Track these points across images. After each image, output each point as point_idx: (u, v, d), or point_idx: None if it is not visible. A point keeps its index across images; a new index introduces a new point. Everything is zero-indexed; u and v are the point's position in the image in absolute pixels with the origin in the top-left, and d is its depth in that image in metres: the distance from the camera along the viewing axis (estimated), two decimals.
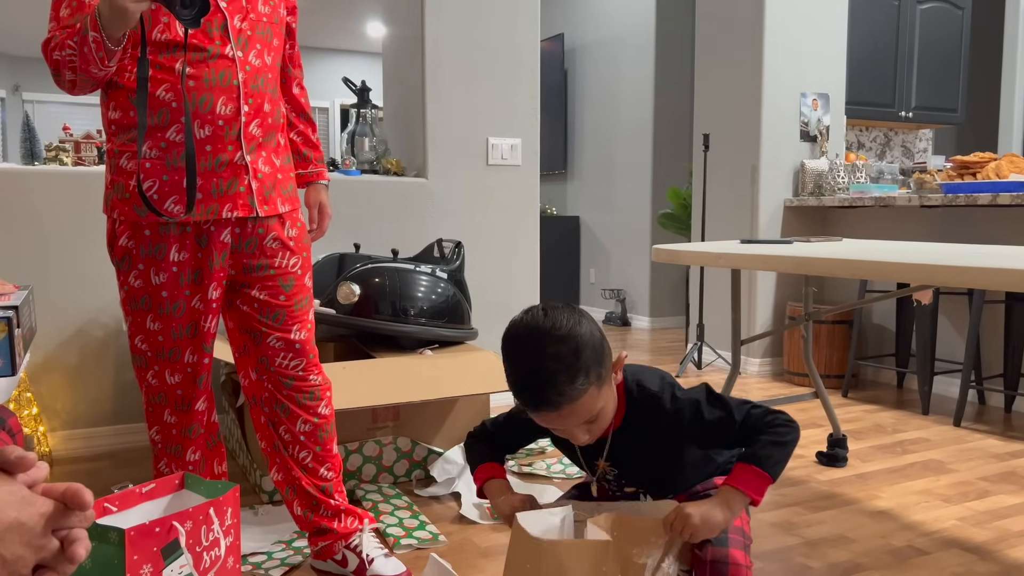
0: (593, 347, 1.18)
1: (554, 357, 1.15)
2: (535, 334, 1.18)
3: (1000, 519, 2.25)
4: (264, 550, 2.01)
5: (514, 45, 3.48)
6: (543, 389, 1.16)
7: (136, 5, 1.36)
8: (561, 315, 1.19)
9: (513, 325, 1.22)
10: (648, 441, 1.30)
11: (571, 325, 1.18)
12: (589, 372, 1.17)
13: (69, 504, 0.70)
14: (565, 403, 1.16)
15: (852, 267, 1.92)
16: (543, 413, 1.19)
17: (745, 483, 1.22)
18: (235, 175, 1.61)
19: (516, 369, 1.20)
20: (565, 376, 1.15)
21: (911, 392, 3.85)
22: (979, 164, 3.62)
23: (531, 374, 1.17)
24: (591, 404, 1.19)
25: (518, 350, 1.20)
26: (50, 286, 2.79)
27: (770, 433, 1.24)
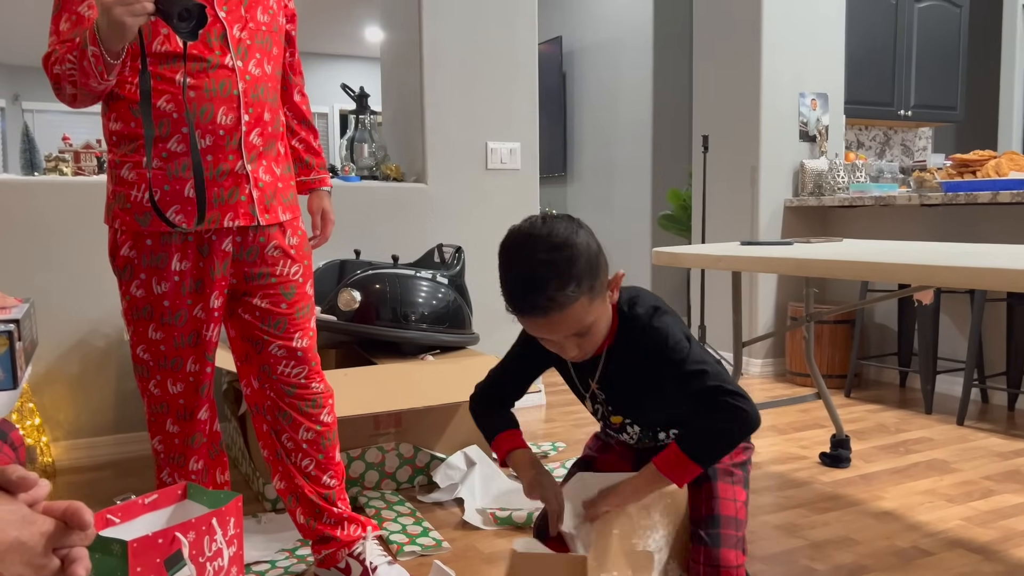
0: (588, 258, 1.16)
1: (546, 263, 1.14)
2: (530, 240, 1.16)
3: (1005, 518, 2.24)
4: (268, 559, 2.01)
5: (512, 48, 3.48)
6: (533, 294, 1.14)
7: (134, 19, 1.36)
8: (559, 223, 1.18)
9: (511, 231, 1.21)
10: (635, 364, 1.28)
11: (568, 233, 1.16)
12: (581, 281, 1.15)
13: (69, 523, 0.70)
14: (554, 309, 1.14)
15: (853, 268, 1.91)
16: (531, 319, 1.17)
17: (668, 468, 1.21)
18: (236, 184, 1.61)
19: (508, 273, 1.18)
20: (556, 282, 1.13)
21: (914, 391, 3.85)
22: (979, 162, 3.62)
23: (522, 278, 1.16)
24: (581, 314, 1.17)
25: (512, 254, 1.18)
26: (51, 296, 2.79)
27: (710, 418, 1.20)
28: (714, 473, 1.32)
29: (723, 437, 1.21)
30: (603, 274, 1.20)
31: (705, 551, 1.25)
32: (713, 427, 1.20)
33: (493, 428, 1.39)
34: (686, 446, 1.20)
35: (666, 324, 1.25)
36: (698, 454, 1.20)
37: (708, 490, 1.31)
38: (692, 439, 1.21)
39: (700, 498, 1.31)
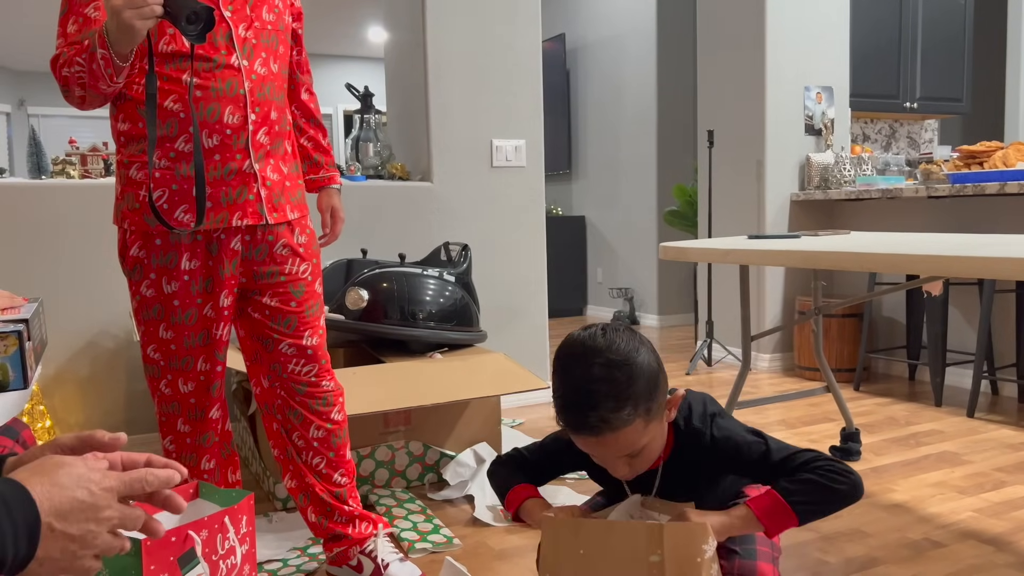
0: (648, 378, 1.12)
1: (604, 380, 1.10)
2: (589, 353, 1.12)
3: (1017, 509, 2.23)
4: (279, 557, 2.01)
5: (515, 47, 3.48)
6: (586, 411, 1.10)
7: (143, 22, 1.37)
8: (620, 338, 1.14)
9: (569, 340, 1.17)
10: (695, 473, 1.26)
11: (629, 350, 1.12)
12: (638, 403, 1.11)
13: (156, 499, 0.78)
14: (606, 430, 1.11)
15: (861, 260, 1.91)
16: (582, 437, 1.14)
17: (765, 513, 1.14)
18: (244, 183, 1.62)
19: (563, 386, 1.15)
20: (612, 403, 1.09)
21: (923, 384, 3.83)
22: (986, 153, 3.60)
23: (577, 393, 1.12)
24: (634, 437, 1.13)
25: (569, 366, 1.14)
26: (60, 299, 2.80)
27: (817, 472, 1.15)
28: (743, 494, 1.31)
29: (830, 495, 1.15)
30: (661, 395, 1.16)
31: (739, 563, 1.23)
32: (822, 483, 1.15)
33: (509, 483, 1.34)
34: (790, 495, 1.14)
35: (730, 429, 1.23)
36: (801, 504, 1.14)
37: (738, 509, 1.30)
38: (799, 490, 1.15)
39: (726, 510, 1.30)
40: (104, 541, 0.70)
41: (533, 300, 3.59)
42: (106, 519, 0.70)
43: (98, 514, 0.69)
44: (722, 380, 4.04)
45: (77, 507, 0.68)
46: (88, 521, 0.68)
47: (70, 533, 0.67)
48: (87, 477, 0.70)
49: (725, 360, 4.42)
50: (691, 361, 4.31)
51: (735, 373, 3.96)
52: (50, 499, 0.67)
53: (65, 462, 0.71)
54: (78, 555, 0.68)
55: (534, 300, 3.59)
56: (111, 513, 0.70)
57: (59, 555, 0.67)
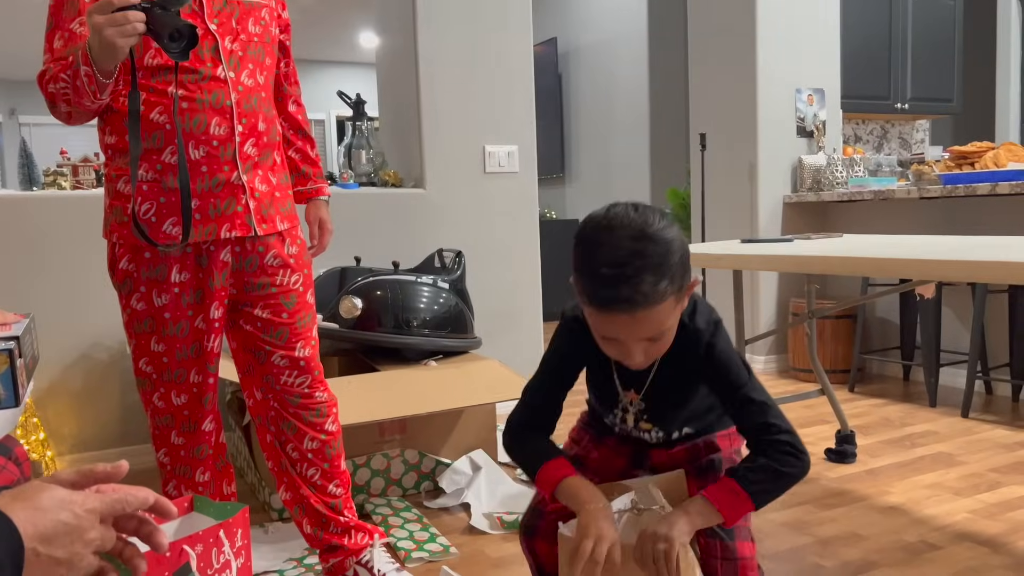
0: (682, 254, 1.09)
1: (643, 254, 1.05)
2: (625, 226, 1.07)
3: (1012, 510, 2.24)
4: (275, 568, 2.01)
5: (507, 51, 3.49)
6: (626, 285, 1.04)
7: (125, 40, 1.36)
8: (653, 215, 1.09)
9: (596, 216, 1.11)
10: (684, 377, 1.23)
11: (664, 225, 1.08)
12: (674, 278, 1.07)
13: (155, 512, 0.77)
14: (644, 305, 1.06)
15: (853, 265, 1.91)
16: (615, 314, 1.07)
17: (723, 504, 1.13)
18: (232, 195, 1.61)
19: (595, 259, 1.07)
20: (652, 276, 1.05)
21: (917, 385, 3.84)
22: (977, 154, 3.62)
23: (615, 266, 1.05)
24: (666, 315, 1.09)
25: (601, 239, 1.07)
26: (52, 311, 2.79)
27: (774, 458, 1.14)
28: (719, 462, 1.30)
29: (783, 480, 1.14)
30: (689, 275, 1.13)
31: (721, 545, 1.23)
32: (777, 468, 1.14)
33: (537, 456, 1.23)
34: (747, 483, 1.13)
35: (727, 345, 1.21)
36: (758, 492, 1.13)
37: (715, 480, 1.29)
38: (755, 476, 1.13)
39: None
40: (89, 562, 0.69)
41: (528, 305, 3.59)
42: (91, 540, 0.69)
43: (83, 536, 0.68)
44: None
45: (62, 530, 0.67)
46: (74, 543, 0.68)
47: (56, 557, 0.66)
48: (69, 499, 0.69)
49: None
50: None
51: None
52: (33, 524, 0.66)
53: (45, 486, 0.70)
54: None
55: (529, 305, 3.59)
56: (95, 535, 0.69)
57: None
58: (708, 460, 1.30)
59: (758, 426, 1.17)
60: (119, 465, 0.76)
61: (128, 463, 0.78)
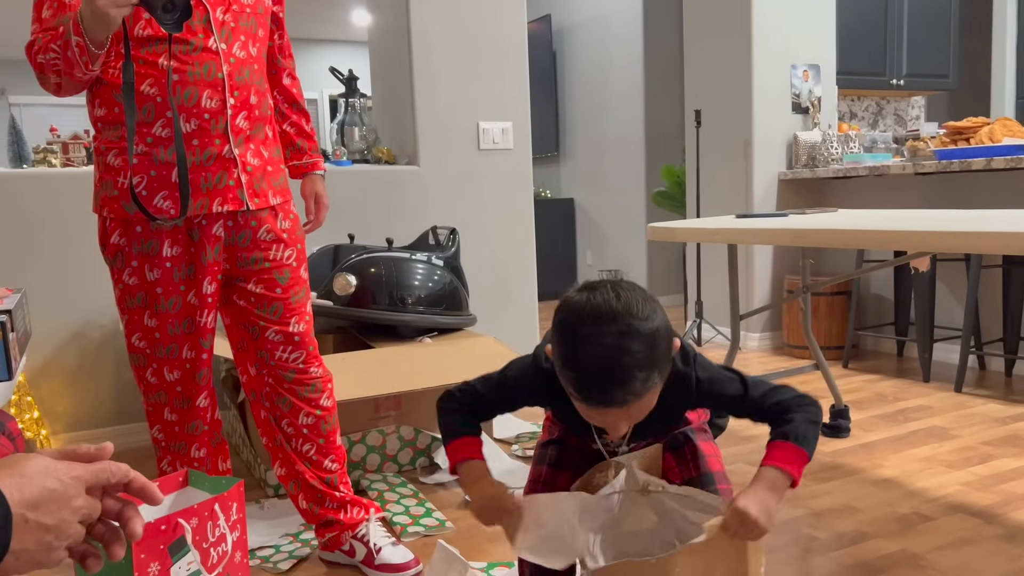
0: (664, 339, 1.07)
1: (631, 352, 1.02)
2: (609, 319, 1.03)
3: (1004, 482, 2.25)
4: (272, 543, 2.01)
5: (501, 27, 3.45)
6: (617, 387, 1.03)
7: (118, 10, 1.34)
8: (635, 299, 1.05)
9: (579, 305, 1.06)
10: (662, 416, 1.22)
11: (648, 313, 1.05)
12: (662, 368, 1.06)
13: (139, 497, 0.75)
14: (634, 401, 1.05)
15: (848, 237, 1.91)
16: (602, 409, 1.07)
17: (788, 462, 1.12)
18: (224, 169, 1.60)
19: (583, 361, 1.04)
20: (641, 372, 1.03)
21: (911, 360, 3.86)
22: (972, 129, 3.61)
23: (603, 367, 1.03)
24: (650, 399, 1.09)
25: (587, 336, 1.04)
26: (45, 289, 2.78)
27: (802, 411, 1.16)
28: (692, 433, 1.31)
29: (816, 426, 1.16)
30: (671, 350, 1.11)
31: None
32: (810, 419, 1.16)
33: (457, 430, 1.26)
34: (799, 440, 1.14)
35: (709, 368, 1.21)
36: (809, 444, 1.14)
37: (692, 450, 1.30)
38: (801, 431, 1.14)
39: (684, 459, 1.30)
40: (76, 530, 0.69)
41: (522, 283, 3.58)
42: (77, 508, 0.68)
43: (70, 502, 0.68)
44: (712, 359, 4.05)
45: (49, 496, 0.67)
46: (62, 509, 0.67)
47: (45, 523, 0.66)
48: (54, 467, 0.68)
49: (715, 340, 4.44)
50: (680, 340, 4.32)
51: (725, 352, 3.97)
52: (20, 490, 0.65)
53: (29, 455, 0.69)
54: (53, 546, 0.67)
55: (523, 283, 3.58)
56: (81, 502, 0.69)
57: (34, 547, 0.66)
58: (681, 433, 1.31)
59: (772, 410, 1.19)
60: (103, 447, 0.75)
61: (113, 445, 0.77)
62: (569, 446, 1.37)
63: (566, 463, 1.35)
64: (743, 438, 2.75)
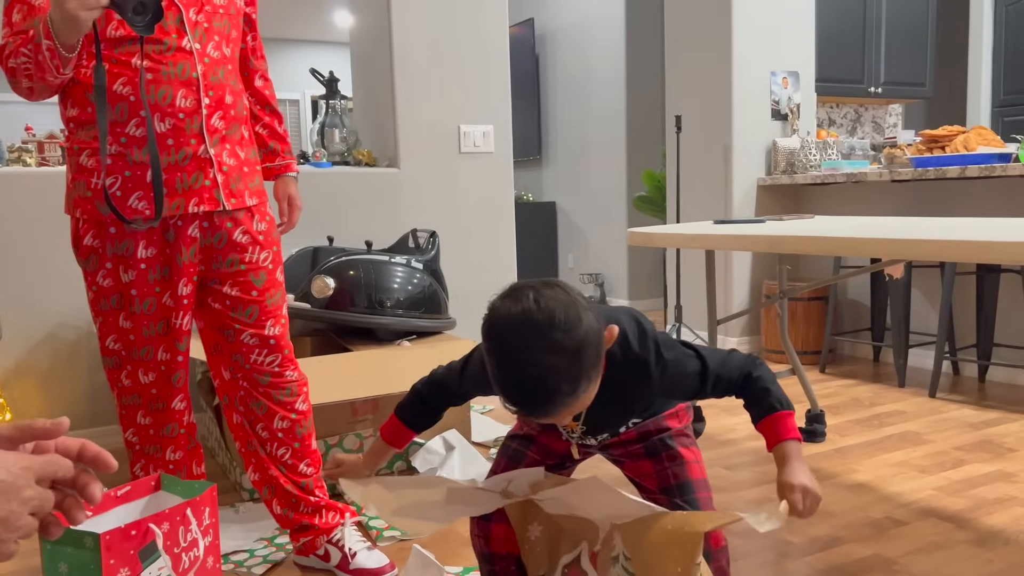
0: (595, 343, 1.04)
1: (554, 369, 1.00)
2: (530, 335, 1.01)
3: (976, 487, 2.28)
4: (246, 548, 1.99)
5: (482, 31, 3.46)
6: (541, 404, 1.03)
7: (88, 13, 1.33)
8: (557, 306, 1.02)
9: (500, 317, 1.05)
10: (622, 400, 1.22)
11: (572, 320, 1.01)
12: (591, 373, 1.04)
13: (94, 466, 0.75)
14: (564, 411, 1.05)
15: (824, 244, 1.93)
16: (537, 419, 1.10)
17: (792, 430, 1.17)
18: (200, 168, 1.59)
19: (507, 374, 1.04)
20: (568, 385, 1.02)
21: (887, 365, 3.90)
22: (948, 137, 3.65)
23: (527, 385, 1.02)
24: (587, 400, 1.08)
25: (509, 352, 1.04)
26: (18, 290, 2.74)
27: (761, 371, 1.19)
28: (671, 439, 1.31)
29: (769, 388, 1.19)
30: (604, 348, 1.08)
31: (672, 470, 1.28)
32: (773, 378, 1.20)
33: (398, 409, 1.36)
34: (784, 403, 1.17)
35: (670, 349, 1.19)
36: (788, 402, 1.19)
37: (671, 456, 1.29)
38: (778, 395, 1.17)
39: (663, 466, 1.30)
40: (26, 523, 0.67)
41: (503, 287, 3.58)
42: (27, 499, 0.67)
43: (19, 494, 0.67)
44: None
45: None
46: (10, 501, 0.66)
47: None
48: (3, 458, 0.67)
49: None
50: None
51: None
52: None
53: None
54: (2, 538, 0.66)
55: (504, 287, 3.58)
56: (31, 493, 0.68)
57: None
58: (659, 439, 1.31)
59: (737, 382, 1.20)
60: (59, 421, 0.74)
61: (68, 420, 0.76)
62: (537, 442, 1.37)
63: (527, 458, 1.36)
64: (720, 442, 2.76)
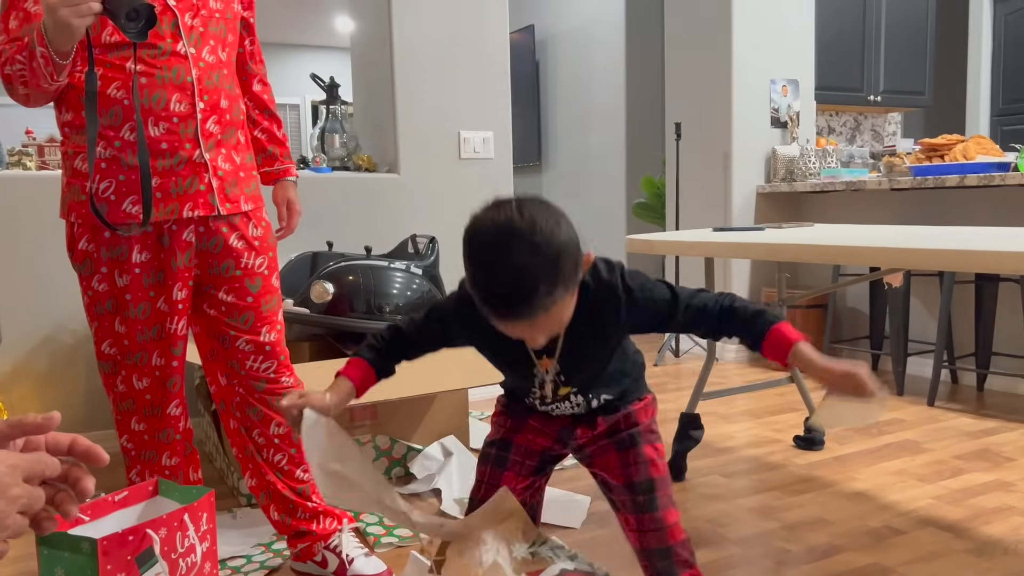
0: (573, 253, 1.09)
1: (533, 268, 1.05)
2: (512, 239, 1.06)
3: (974, 496, 2.28)
4: (243, 553, 1.99)
5: (483, 37, 3.46)
6: (519, 302, 1.07)
7: (80, 20, 1.33)
8: (540, 215, 1.08)
9: (482, 223, 1.09)
10: (596, 332, 1.25)
11: (551, 227, 1.07)
12: (568, 282, 1.09)
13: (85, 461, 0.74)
14: (539, 315, 1.08)
15: (823, 252, 1.93)
16: (512, 323, 1.11)
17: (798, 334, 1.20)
18: (194, 173, 1.59)
19: (487, 276, 1.09)
20: (545, 287, 1.06)
21: (885, 374, 3.89)
22: (947, 146, 3.66)
23: (507, 284, 1.06)
24: (563, 313, 1.13)
25: (490, 254, 1.08)
26: (17, 293, 2.74)
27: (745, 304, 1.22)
28: (639, 435, 1.32)
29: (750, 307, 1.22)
30: (582, 264, 1.13)
31: (649, 517, 1.27)
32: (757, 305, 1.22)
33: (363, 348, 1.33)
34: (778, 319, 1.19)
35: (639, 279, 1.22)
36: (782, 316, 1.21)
37: (634, 455, 1.31)
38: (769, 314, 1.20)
39: (628, 463, 1.31)
40: (15, 522, 0.67)
41: None
42: (15, 497, 0.66)
43: (7, 492, 0.66)
44: (690, 371, 4.07)
45: None
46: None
47: None
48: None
49: (692, 351, 4.46)
50: (659, 352, 4.34)
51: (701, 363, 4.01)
52: None
53: None
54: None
55: None
56: (19, 491, 0.67)
57: None
58: (628, 434, 1.33)
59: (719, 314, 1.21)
60: (51, 416, 0.73)
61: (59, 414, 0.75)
62: (515, 444, 1.38)
63: (509, 461, 1.37)
64: (719, 449, 2.76)
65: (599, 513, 2.17)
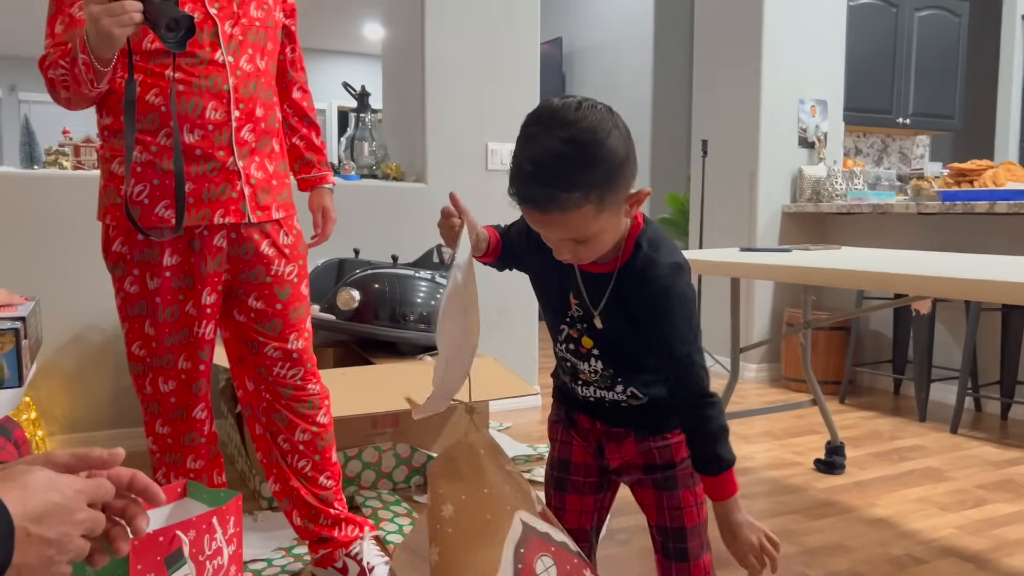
0: (610, 166, 1.04)
1: (562, 156, 1.03)
2: (555, 124, 1.04)
3: (997, 527, 2.26)
4: (264, 557, 2.01)
5: (513, 49, 3.49)
6: (539, 185, 1.05)
7: (122, 30, 1.36)
8: (595, 115, 1.05)
9: (542, 106, 1.09)
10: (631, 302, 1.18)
11: (597, 128, 1.04)
12: (592, 190, 1.04)
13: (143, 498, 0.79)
14: (553, 208, 1.05)
15: (851, 277, 1.92)
16: (529, 209, 1.10)
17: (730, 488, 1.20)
18: (227, 180, 1.61)
19: (520, 153, 1.08)
20: (565, 183, 1.03)
21: (908, 399, 3.86)
22: (976, 172, 3.64)
23: (532, 164, 1.05)
24: (583, 223, 1.07)
25: (531, 134, 1.07)
26: (48, 291, 2.78)
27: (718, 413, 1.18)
28: (676, 481, 1.29)
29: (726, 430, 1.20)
30: (623, 188, 1.09)
31: (676, 566, 1.28)
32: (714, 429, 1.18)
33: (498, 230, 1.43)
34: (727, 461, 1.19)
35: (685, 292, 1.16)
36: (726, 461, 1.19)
37: (670, 499, 1.28)
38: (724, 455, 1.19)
39: (663, 507, 1.29)
40: (78, 545, 0.69)
41: (524, 305, 3.59)
42: (79, 521, 0.69)
43: (72, 516, 0.68)
44: None
45: (51, 510, 0.67)
46: (64, 524, 0.67)
47: (47, 537, 0.66)
48: (57, 480, 0.69)
49: (713, 369, 4.44)
50: None
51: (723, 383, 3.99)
52: (23, 504, 0.65)
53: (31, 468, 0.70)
54: (55, 560, 0.67)
55: (525, 305, 3.59)
56: (83, 516, 0.69)
57: (36, 561, 0.66)
58: (666, 476, 1.29)
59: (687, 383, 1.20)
60: (115, 452, 0.76)
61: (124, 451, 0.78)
62: (574, 464, 1.36)
63: (569, 483, 1.36)
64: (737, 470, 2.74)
65: (616, 530, 2.17)
